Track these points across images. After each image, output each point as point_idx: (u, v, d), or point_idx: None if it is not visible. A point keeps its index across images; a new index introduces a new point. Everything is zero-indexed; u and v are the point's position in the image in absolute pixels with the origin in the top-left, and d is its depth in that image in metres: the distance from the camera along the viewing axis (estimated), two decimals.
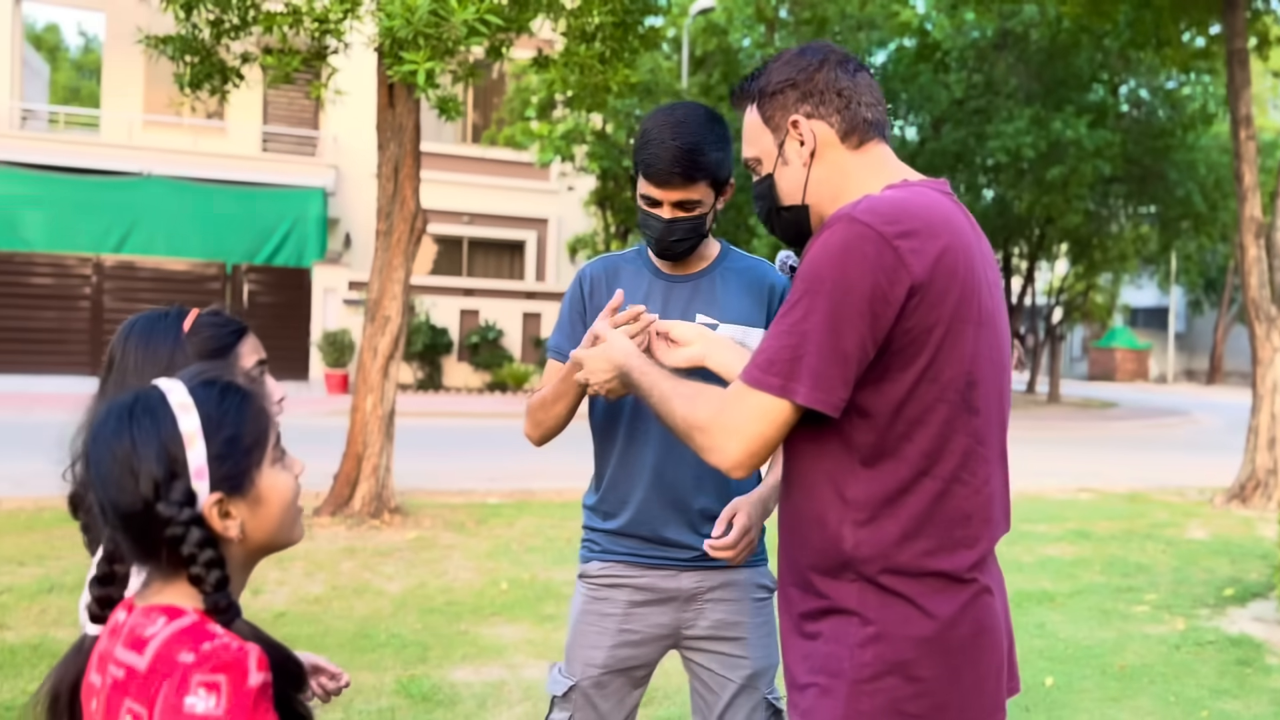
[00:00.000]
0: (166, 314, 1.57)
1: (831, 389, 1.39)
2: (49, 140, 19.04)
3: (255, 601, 5.24)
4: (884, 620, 1.43)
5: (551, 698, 2.30)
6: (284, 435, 1.26)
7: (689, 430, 1.51)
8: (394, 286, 6.99)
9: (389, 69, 5.86)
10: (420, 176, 7.09)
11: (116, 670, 1.09)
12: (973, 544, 1.46)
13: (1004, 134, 17.25)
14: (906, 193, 1.48)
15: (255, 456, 1.17)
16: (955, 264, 1.42)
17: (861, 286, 1.37)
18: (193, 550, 1.11)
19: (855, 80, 1.57)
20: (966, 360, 1.43)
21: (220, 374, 1.21)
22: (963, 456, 1.44)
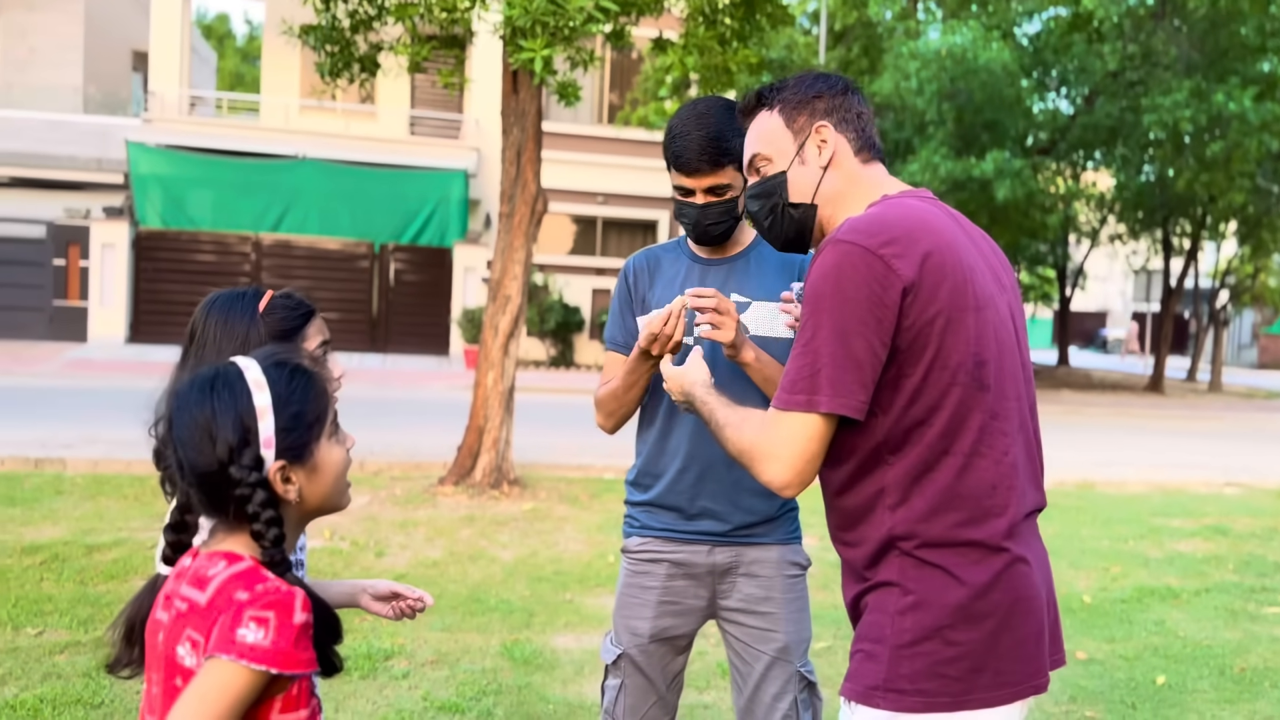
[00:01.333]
0: (244, 294, 1.75)
1: (850, 393, 1.53)
2: (214, 125, 20.28)
3: (379, 563, 5.58)
4: (922, 589, 1.55)
5: (605, 665, 2.45)
6: (422, 405, 1.44)
7: (739, 455, 1.66)
8: (515, 267, 7.24)
9: (510, 56, 6.06)
10: (541, 160, 7.29)
11: (180, 604, 1.28)
12: (1001, 511, 1.56)
13: (1161, 107, 16.30)
14: (883, 208, 1.63)
15: (315, 431, 1.35)
16: (941, 260, 1.55)
17: (858, 297, 1.51)
18: (257, 509, 1.29)
19: (866, 111, 1.76)
20: (971, 343, 1.55)
21: (290, 356, 1.39)
22: (979, 431, 1.55)
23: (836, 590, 5.44)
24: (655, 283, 2.40)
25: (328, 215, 19.25)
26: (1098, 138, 18.80)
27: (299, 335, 1.72)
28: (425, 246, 19.56)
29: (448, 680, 4.02)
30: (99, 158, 19.52)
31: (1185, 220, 22.51)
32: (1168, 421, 16.49)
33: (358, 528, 6.32)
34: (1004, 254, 1.78)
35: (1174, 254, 23.64)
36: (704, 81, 8.21)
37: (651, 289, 2.40)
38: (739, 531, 2.35)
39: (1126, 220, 22.59)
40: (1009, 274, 1.74)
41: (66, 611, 4.51)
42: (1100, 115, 18.10)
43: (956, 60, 15.72)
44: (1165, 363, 22.61)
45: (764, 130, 1.78)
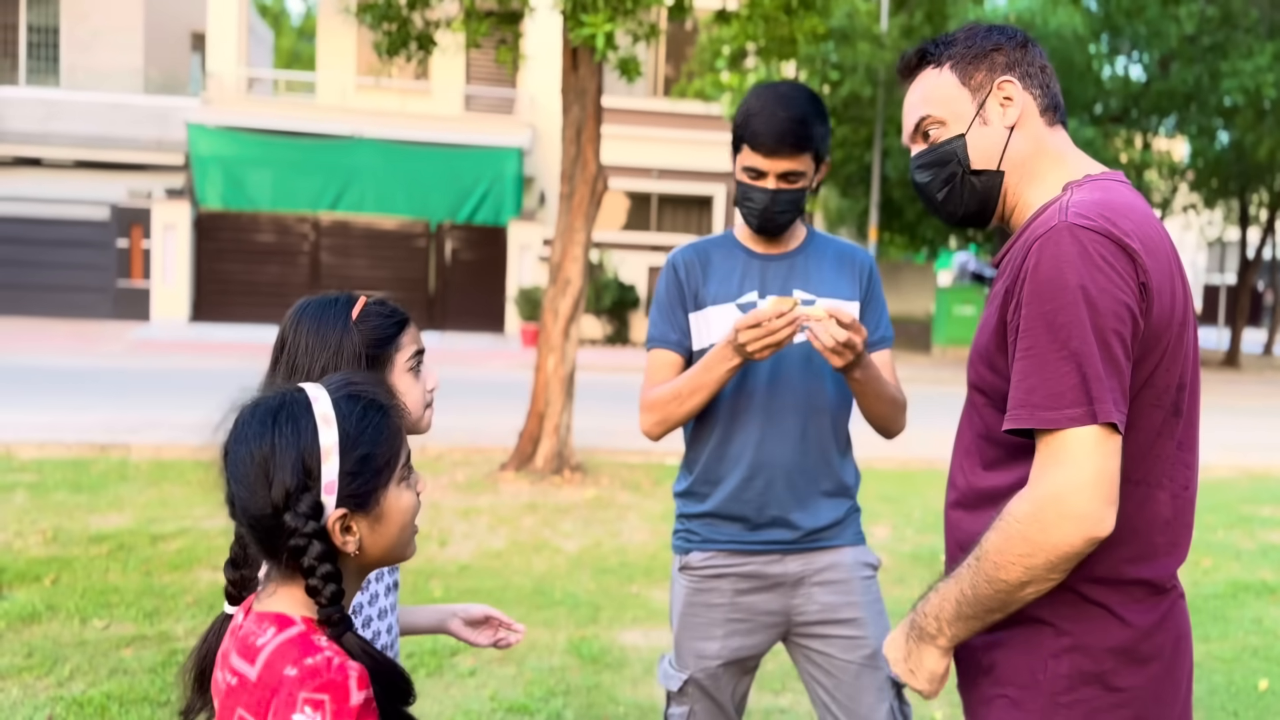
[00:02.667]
0: (336, 300, 1.63)
1: (1122, 400, 1.30)
2: (271, 105, 20.38)
3: (442, 553, 5.50)
4: (1080, 630, 1.39)
5: (667, 692, 2.30)
6: (480, 385, 1.28)
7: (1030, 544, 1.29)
8: (575, 249, 7.09)
9: (570, 32, 5.88)
10: (601, 137, 7.12)
11: (230, 677, 1.15)
12: (1173, 549, 1.42)
13: (1242, 72, 15.61)
14: (1104, 192, 1.41)
15: (384, 477, 1.19)
16: (1168, 261, 1.38)
17: (1113, 291, 1.30)
18: (312, 563, 1.14)
19: (1050, 66, 1.56)
20: (1180, 363, 1.39)
21: (366, 388, 1.23)
22: (1166, 461, 1.40)
23: (911, 585, 5.25)
24: (709, 277, 2.25)
25: (384, 194, 19.28)
26: (1172, 104, 18.11)
27: (394, 344, 1.61)
28: (480, 225, 19.52)
29: (515, 679, 3.92)
30: (160, 139, 19.74)
31: (1264, 189, 21.65)
32: (1247, 399, 15.91)
33: (421, 515, 6.23)
34: None
35: (1251, 224, 22.78)
36: (764, 52, 7.95)
37: (705, 284, 2.24)
38: (809, 537, 2.21)
39: (1201, 190, 21.78)
40: None
41: (133, 603, 4.49)
42: (1175, 81, 17.42)
43: (1024, 25, 15.19)
44: (1241, 337, 21.86)
45: (933, 89, 1.54)
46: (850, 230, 23.75)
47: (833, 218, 22.76)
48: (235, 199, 18.89)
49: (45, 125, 19.36)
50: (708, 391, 2.14)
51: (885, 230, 20.64)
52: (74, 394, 10.38)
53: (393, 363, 1.62)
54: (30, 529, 5.56)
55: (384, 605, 1.66)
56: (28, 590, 4.59)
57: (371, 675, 1.13)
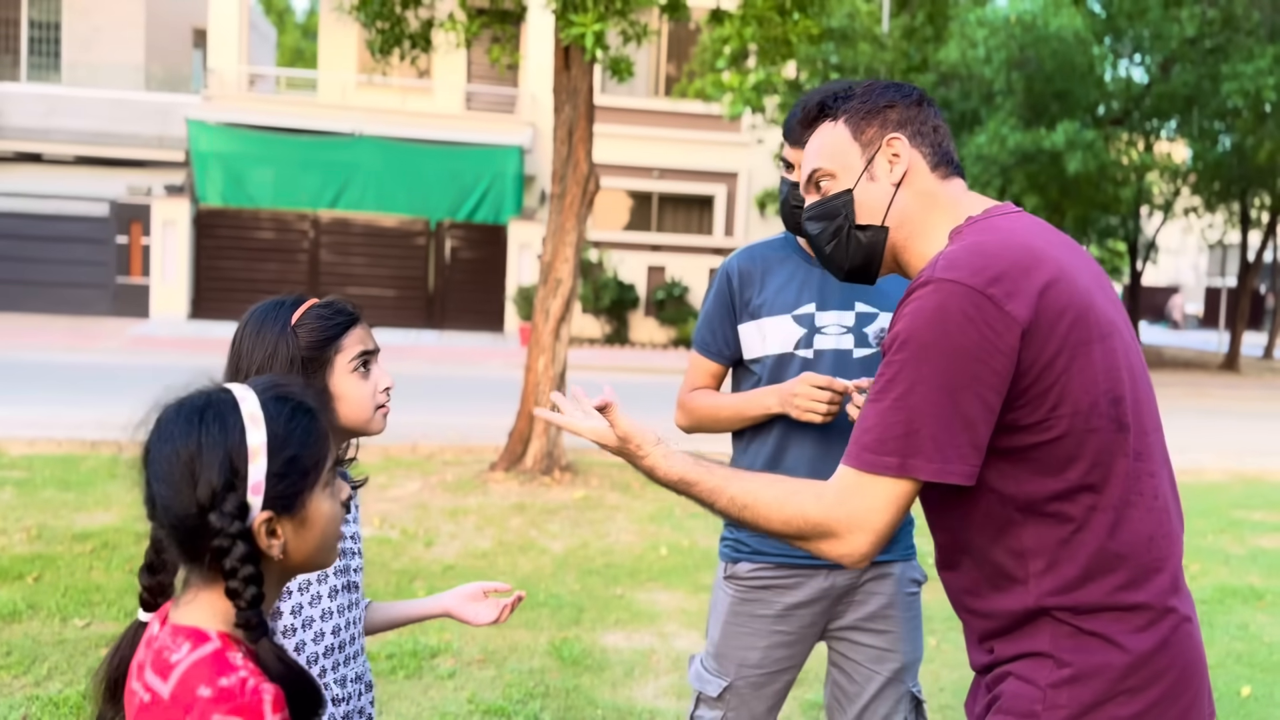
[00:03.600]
0: (284, 302, 1.65)
1: (959, 458, 1.33)
2: (272, 102, 20.39)
3: (427, 554, 5.49)
4: (1080, 660, 1.38)
5: (698, 694, 2.29)
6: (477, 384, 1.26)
7: (799, 533, 1.42)
8: (565, 249, 7.07)
9: (560, 32, 5.87)
10: (594, 137, 7.10)
11: (144, 693, 1.12)
12: (1162, 565, 1.39)
13: (1242, 75, 15.55)
14: (978, 236, 1.43)
15: (310, 479, 1.17)
16: (1058, 290, 1.36)
17: (967, 344, 1.32)
18: (235, 564, 1.11)
19: (944, 125, 1.58)
20: (1101, 380, 1.37)
21: (294, 390, 1.21)
22: (1127, 478, 1.37)
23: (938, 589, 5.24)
24: (765, 286, 2.20)
25: (384, 192, 19.28)
26: (1173, 107, 18.05)
27: (333, 346, 1.61)
28: (480, 224, 19.51)
29: (494, 681, 3.91)
30: (160, 135, 19.75)
31: (1264, 192, 21.60)
32: (1245, 403, 15.87)
33: (408, 515, 6.24)
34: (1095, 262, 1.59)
35: (1252, 227, 22.72)
36: (763, 53, 7.94)
37: (760, 293, 2.20)
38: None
39: (1202, 192, 21.73)
40: (1111, 286, 1.55)
41: (114, 602, 4.49)
42: (1177, 83, 17.37)
43: (1026, 27, 15.17)
44: (1241, 340, 21.81)
45: (827, 142, 1.57)
46: None
47: None
48: (235, 196, 18.90)
49: (46, 121, 19.38)
50: (743, 424, 2.21)
51: None
52: (69, 390, 10.39)
53: (332, 364, 1.62)
54: (15, 526, 5.56)
55: (328, 606, 1.65)
56: (9, 588, 4.58)
57: (284, 685, 1.11)
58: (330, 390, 1.62)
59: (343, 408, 1.63)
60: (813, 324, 2.17)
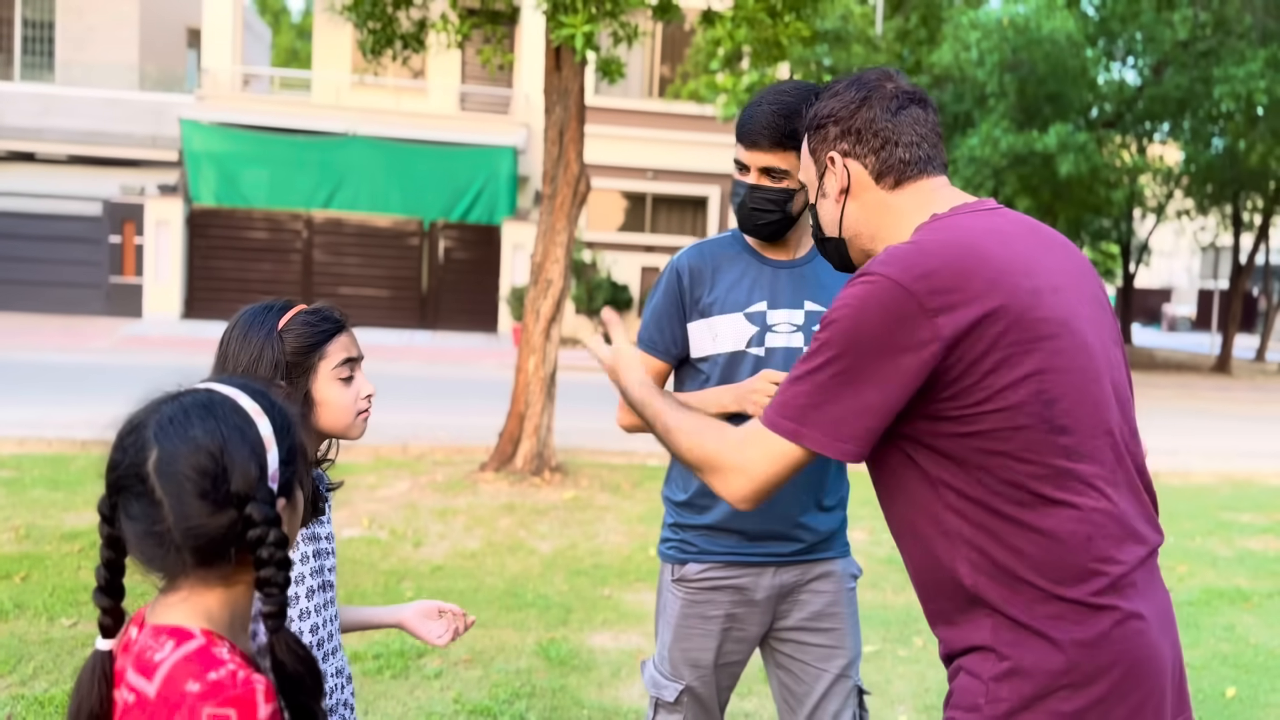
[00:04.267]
0: (272, 307, 1.66)
1: (850, 438, 1.41)
2: (265, 102, 20.37)
3: (415, 554, 5.49)
4: (1018, 654, 1.39)
5: (655, 700, 2.28)
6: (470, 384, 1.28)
7: (697, 462, 1.55)
8: (556, 250, 7.07)
9: (551, 33, 5.87)
10: (584, 139, 7.11)
11: (128, 694, 1.12)
12: (1101, 565, 1.39)
13: (1234, 78, 15.61)
14: (926, 234, 1.46)
15: (303, 465, 1.21)
16: (994, 291, 1.37)
17: (879, 336, 1.37)
18: (271, 550, 1.12)
19: (897, 120, 1.54)
20: (1033, 380, 1.37)
21: (263, 385, 1.23)
22: (1060, 477, 1.38)
23: (885, 589, 5.25)
24: (716, 284, 2.20)
25: (378, 192, 19.27)
26: (1166, 110, 18.11)
27: (318, 352, 1.63)
28: (474, 224, 19.51)
29: (481, 681, 3.91)
30: (154, 135, 19.71)
31: (1257, 195, 21.67)
32: (1236, 405, 15.92)
33: (397, 515, 6.25)
34: (1082, 256, 1.58)
35: (1244, 230, 22.80)
36: (755, 55, 7.95)
37: (711, 291, 2.19)
38: (808, 550, 2.22)
39: (1194, 195, 21.81)
40: (1093, 281, 1.54)
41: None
42: (1169, 86, 17.43)
43: (1019, 30, 15.20)
44: (1233, 342, 21.88)
45: (803, 158, 1.69)
46: None
47: None
48: (229, 196, 18.87)
49: (39, 120, 19.34)
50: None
51: None
52: (61, 390, 10.37)
53: (316, 370, 1.64)
54: (3, 525, 5.56)
55: (305, 606, 1.66)
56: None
57: (288, 675, 1.12)
58: (313, 396, 1.63)
59: (324, 413, 1.64)
60: (764, 322, 2.16)
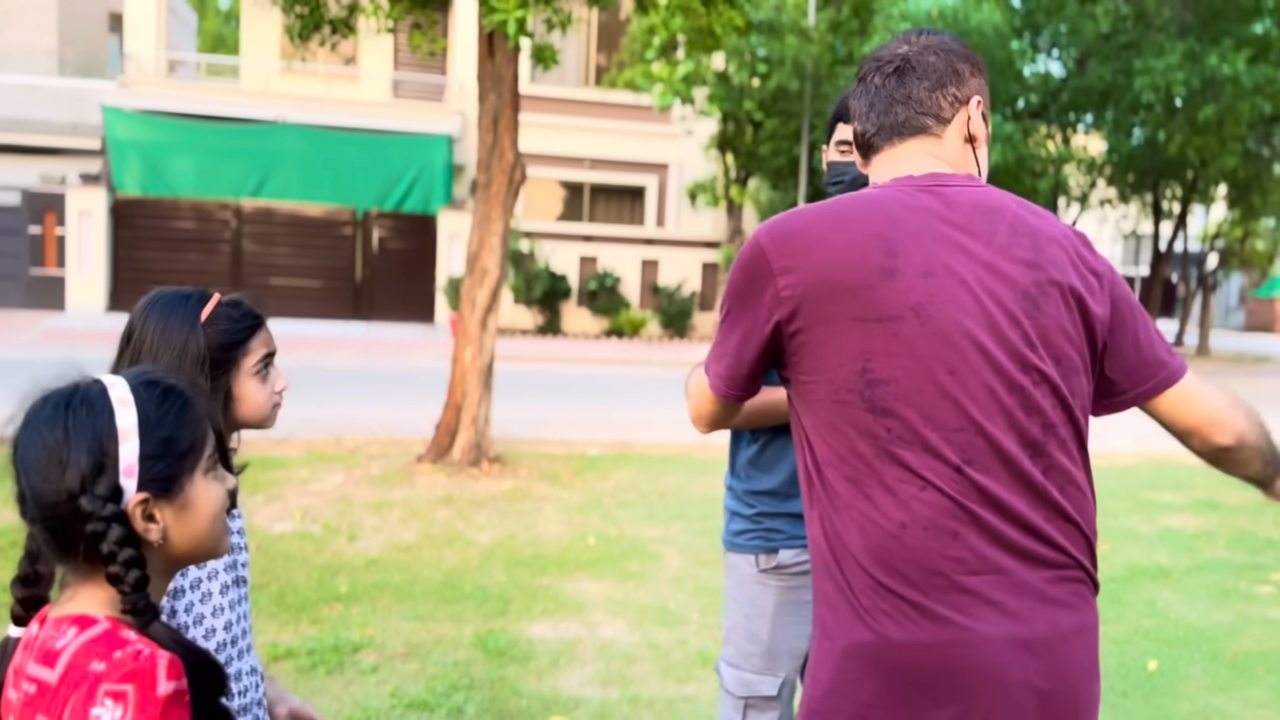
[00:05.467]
0: (189, 296, 1.62)
1: (719, 376, 1.57)
2: (192, 89, 19.87)
3: (350, 548, 5.42)
4: (840, 634, 1.40)
5: (744, 701, 2.24)
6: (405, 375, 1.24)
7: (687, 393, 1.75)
8: (492, 239, 7.02)
9: (483, 18, 5.81)
10: (519, 126, 7.06)
11: (29, 685, 1.09)
12: (916, 556, 1.34)
13: (1154, 70, 16.07)
14: (828, 201, 1.50)
15: (189, 462, 1.16)
16: (831, 262, 1.39)
17: (740, 287, 1.48)
18: (112, 548, 1.09)
19: (858, 93, 1.59)
20: (858, 359, 1.37)
21: (166, 376, 1.20)
22: (879, 462, 1.36)
23: None
24: None
25: (310, 181, 18.93)
26: (1089, 101, 18.56)
27: (242, 348, 1.61)
28: (409, 213, 19.27)
29: (418, 674, 3.88)
30: (75, 122, 19.11)
31: (1176, 184, 22.33)
32: None
33: (331, 509, 6.16)
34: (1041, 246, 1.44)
35: (1164, 218, 23.48)
36: (690, 44, 7.96)
37: None
38: None
39: (1117, 184, 22.40)
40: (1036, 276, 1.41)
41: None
42: (1092, 78, 17.87)
43: (948, 21, 15.45)
44: None
45: None
46: None
47: (763, 210, 22.91)
48: (154, 185, 18.38)
49: None
50: (774, 422, 2.14)
51: None
52: None
53: (239, 366, 1.62)
54: None
55: (219, 603, 1.64)
56: None
57: (185, 667, 1.09)
58: (233, 392, 1.62)
59: (242, 408, 1.64)
60: None
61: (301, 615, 4.41)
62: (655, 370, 15.21)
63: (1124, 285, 1.52)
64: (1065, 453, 1.40)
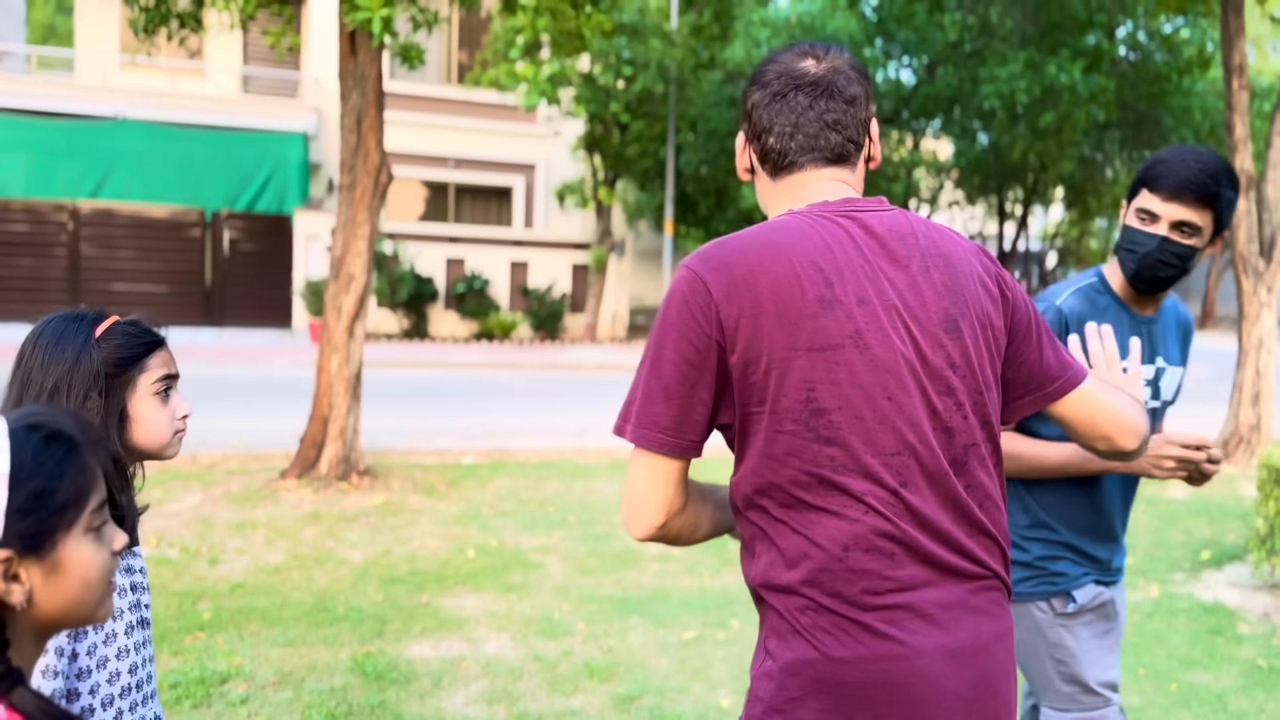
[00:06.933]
0: (84, 316, 1.59)
1: (652, 424, 1.40)
2: (22, 83, 18.57)
3: (212, 572, 5.14)
4: (779, 653, 1.39)
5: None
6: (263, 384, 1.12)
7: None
8: (358, 243, 6.77)
9: (345, 16, 5.60)
10: (385, 125, 6.83)
11: None
12: (857, 578, 1.36)
13: (998, 78, 16.89)
14: (754, 231, 1.45)
15: (66, 519, 1.04)
16: (771, 292, 1.37)
17: (675, 321, 1.40)
18: None
19: (771, 108, 1.52)
20: (801, 388, 1.36)
21: (54, 419, 1.08)
22: (823, 487, 1.37)
23: (703, 574, 5.34)
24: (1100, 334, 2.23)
25: (153, 181, 17.96)
26: (938, 107, 19.36)
27: (138, 365, 1.58)
28: (262, 214, 18.51)
29: (292, 704, 3.69)
30: None
31: (1018, 186, 23.57)
32: None
33: (188, 531, 5.82)
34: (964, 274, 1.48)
35: (1007, 219, 24.74)
36: (556, 45, 7.88)
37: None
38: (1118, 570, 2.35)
39: (964, 187, 23.49)
40: (953, 300, 1.44)
41: None
42: (940, 85, 18.64)
43: (805, 28, 15.85)
44: None
45: None
46: (649, 223, 24.09)
47: (631, 211, 23.01)
48: None
49: None
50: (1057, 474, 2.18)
51: (680, 224, 21.07)
52: None
53: (135, 384, 1.58)
54: None
55: (124, 644, 1.57)
56: None
57: None
58: (129, 413, 1.58)
59: (139, 430, 1.60)
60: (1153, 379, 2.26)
61: (162, 646, 4.15)
62: (527, 374, 15.06)
63: (1024, 294, 1.58)
64: (984, 469, 1.46)
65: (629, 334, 21.11)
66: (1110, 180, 22.36)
